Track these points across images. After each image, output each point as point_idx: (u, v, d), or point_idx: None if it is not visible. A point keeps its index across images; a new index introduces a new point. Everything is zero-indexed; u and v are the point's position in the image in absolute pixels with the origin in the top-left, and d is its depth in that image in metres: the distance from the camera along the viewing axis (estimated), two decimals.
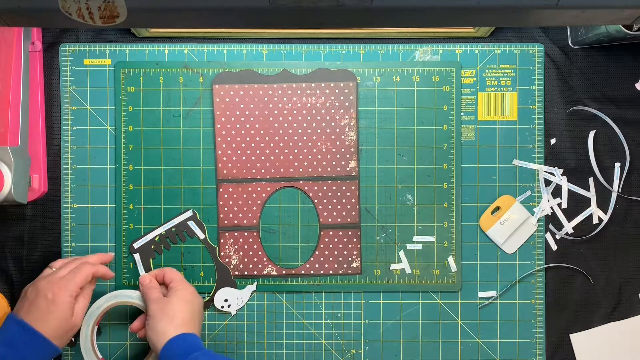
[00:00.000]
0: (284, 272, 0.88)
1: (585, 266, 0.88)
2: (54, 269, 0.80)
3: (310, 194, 0.88)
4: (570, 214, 0.88)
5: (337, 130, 0.88)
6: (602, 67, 0.88)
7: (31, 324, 0.74)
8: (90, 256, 0.83)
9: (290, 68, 0.87)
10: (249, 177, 0.87)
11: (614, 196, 0.88)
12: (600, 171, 0.88)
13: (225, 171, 0.87)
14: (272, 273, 0.87)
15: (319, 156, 0.87)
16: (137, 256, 0.87)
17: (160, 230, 0.87)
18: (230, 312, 0.87)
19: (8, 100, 0.80)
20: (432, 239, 0.88)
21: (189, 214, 0.87)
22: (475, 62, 0.88)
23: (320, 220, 0.88)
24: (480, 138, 0.88)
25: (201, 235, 0.87)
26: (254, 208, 0.87)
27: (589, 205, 0.88)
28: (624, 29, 0.77)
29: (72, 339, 0.85)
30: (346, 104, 0.87)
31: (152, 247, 0.87)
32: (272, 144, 0.87)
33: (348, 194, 0.87)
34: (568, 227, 0.88)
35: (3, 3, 0.54)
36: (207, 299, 0.87)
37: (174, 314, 0.78)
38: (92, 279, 0.80)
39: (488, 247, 0.88)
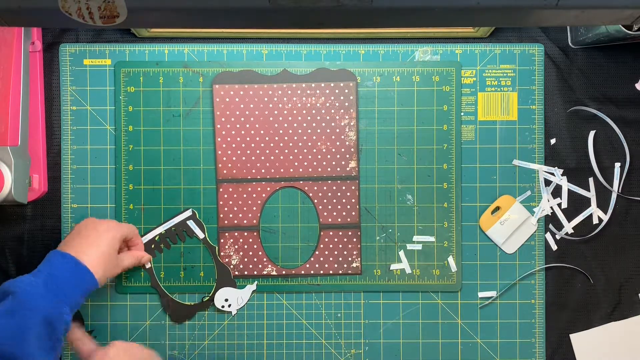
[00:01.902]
0: (284, 272, 0.88)
1: (585, 266, 0.88)
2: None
3: (310, 194, 0.88)
4: (570, 214, 0.88)
5: (337, 130, 0.88)
6: (602, 67, 0.88)
7: (74, 254, 0.75)
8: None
9: (290, 68, 0.88)
10: (249, 177, 0.87)
11: (614, 196, 0.88)
12: (600, 171, 0.88)
13: (225, 171, 0.87)
14: (272, 273, 0.87)
15: (319, 156, 0.87)
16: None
17: (160, 229, 0.87)
18: (230, 312, 0.87)
19: (8, 100, 0.80)
20: (432, 239, 0.88)
21: (188, 213, 0.87)
22: (475, 62, 0.88)
23: (320, 220, 0.88)
24: (480, 138, 0.88)
25: (201, 235, 0.87)
26: (254, 208, 0.87)
27: (589, 205, 0.88)
28: (624, 29, 0.77)
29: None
30: (346, 104, 0.87)
31: (152, 246, 0.87)
32: (272, 144, 0.87)
33: (348, 194, 0.87)
34: (568, 227, 0.88)
35: (3, 3, 0.54)
36: (207, 298, 0.87)
37: None
38: (131, 245, 0.85)
39: (488, 247, 0.88)
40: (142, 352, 0.78)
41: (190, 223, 0.87)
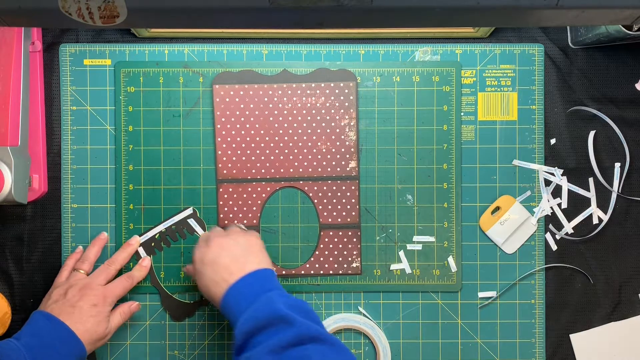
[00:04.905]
0: (284, 272, 0.88)
1: (585, 266, 0.88)
2: (81, 271, 0.82)
3: (310, 194, 0.88)
4: (570, 214, 0.88)
5: (337, 130, 0.88)
6: (602, 67, 0.88)
7: (67, 324, 0.75)
8: (117, 255, 0.85)
9: (290, 68, 0.88)
10: (249, 177, 0.87)
11: (614, 196, 0.88)
12: (600, 171, 0.88)
13: (225, 171, 0.87)
14: None
15: (319, 156, 0.87)
16: (140, 249, 0.87)
17: (160, 228, 0.87)
18: None
19: (8, 100, 0.80)
20: (432, 239, 0.88)
21: (189, 211, 0.87)
22: (475, 62, 0.88)
23: (320, 220, 0.88)
24: (480, 138, 0.88)
25: (201, 233, 0.87)
26: (254, 208, 0.87)
27: (589, 205, 0.88)
28: (624, 29, 0.77)
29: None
30: (346, 104, 0.87)
31: (152, 244, 0.87)
32: (272, 144, 0.87)
33: (348, 194, 0.87)
34: (568, 227, 0.88)
35: (3, 3, 0.54)
36: None
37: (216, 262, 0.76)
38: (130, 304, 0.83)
39: (488, 247, 0.88)
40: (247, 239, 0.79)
41: (191, 221, 0.87)
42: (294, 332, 0.66)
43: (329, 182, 0.88)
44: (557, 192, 0.89)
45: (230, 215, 0.87)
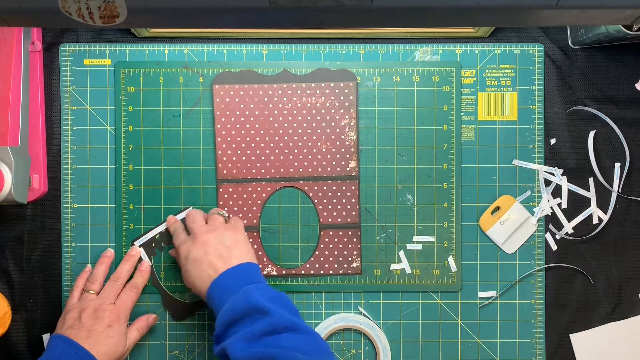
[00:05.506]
0: (284, 272, 0.88)
1: (585, 266, 0.88)
2: (92, 292, 0.82)
3: (310, 194, 0.88)
4: (570, 214, 0.88)
5: (337, 130, 0.88)
6: (602, 67, 0.88)
7: (85, 347, 0.76)
8: (120, 268, 0.85)
9: (290, 68, 0.88)
10: (249, 177, 0.87)
11: (614, 196, 0.88)
12: (600, 171, 0.88)
13: (225, 171, 0.87)
14: (272, 273, 0.87)
15: (319, 156, 0.87)
16: (141, 249, 0.87)
17: (161, 228, 0.87)
18: None
19: (8, 100, 0.80)
20: (432, 239, 0.88)
21: (189, 211, 0.87)
22: (475, 62, 0.88)
23: (320, 220, 0.88)
24: (480, 138, 0.88)
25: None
26: (254, 208, 0.87)
27: (589, 205, 0.88)
28: (624, 29, 0.77)
29: None
30: (346, 104, 0.87)
31: (153, 245, 0.87)
32: (272, 144, 0.87)
33: (348, 194, 0.87)
34: (568, 227, 0.88)
35: (3, 3, 0.54)
36: None
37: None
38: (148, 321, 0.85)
39: (488, 247, 0.88)
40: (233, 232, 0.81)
41: None
42: (268, 321, 0.70)
43: (329, 182, 0.88)
44: (557, 192, 0.89)
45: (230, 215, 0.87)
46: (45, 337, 0.86)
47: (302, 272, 0.87)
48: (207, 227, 0.81)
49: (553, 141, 0.88)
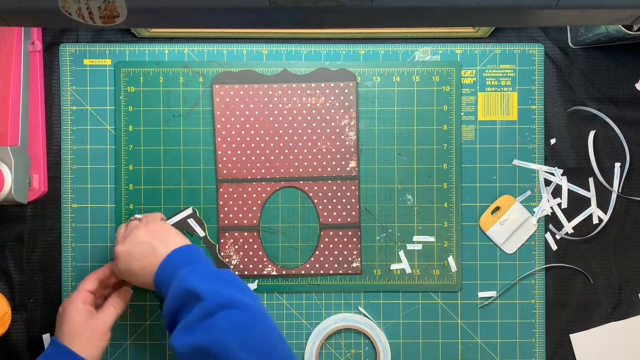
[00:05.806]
0: (284, 272, 0.88)
1: (585, 266, 0.88)
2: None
3: (310, 194, 0.88)
4: (570, 214, 0.88)
5: (337, 130, 0.88)
6: (602, 67, 0.88)
7: (63, 342, 0.75)
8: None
9: (290, 68, 0.88)
10: (249, 177, 0.87)
11: (614, 196, 0.88)
12: (600, 171, 0.88)
13: (225, 171, 0.87)
14: (272, 273, 0.87)
15: (319, 156, 0.87)
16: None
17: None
18: None
19: (8, 100, 0.80)
20: (432, 239, 0.88)
21: (189, 211, 0.87)
22: (475, 62, 0.88)
23: (320, 220, 0.88)
24: (480, 138, 0.88)
25: (201, 233, 0.87)
26: (254, 208, 0.87)
27: (589, 205, 0.88)
28: (624, 29, 0.77)
29: None
30: (346, 104, 0.87)
31: None
32: (272, 144, 0.87)
33: (348, 194, 0.87)
34: (568, 227, 0.88)
35: (3, 3, 0.54)
36: None
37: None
38: (112, 284, 0.81)
39: (488, 247, 0.88)
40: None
41: (191, 221, 0.87)
42: (203, 305, 0.68)
43: (329, 182, 0.88)
44: (557, 192, 0.89)
45: (230, 215, 0.87)
46: (45, 337, 0.86)
47: (302, 272, 0.88)
48: (123, 236, 0.78)
49: (553, 141, 0.88)
